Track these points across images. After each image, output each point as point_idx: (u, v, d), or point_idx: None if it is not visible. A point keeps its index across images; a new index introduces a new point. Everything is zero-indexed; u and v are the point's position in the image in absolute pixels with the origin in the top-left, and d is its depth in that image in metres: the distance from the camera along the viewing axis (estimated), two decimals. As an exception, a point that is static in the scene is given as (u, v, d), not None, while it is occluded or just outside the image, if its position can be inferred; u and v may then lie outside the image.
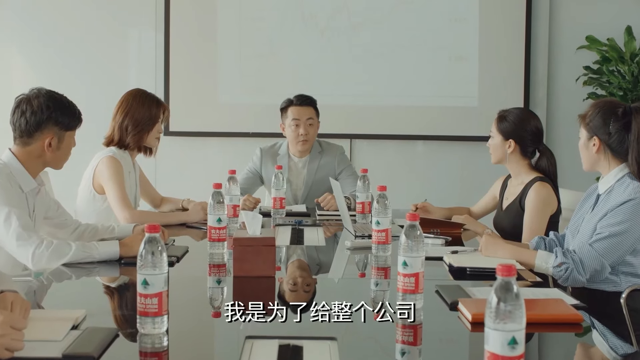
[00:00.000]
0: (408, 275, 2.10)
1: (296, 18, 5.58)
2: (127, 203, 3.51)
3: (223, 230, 2.86)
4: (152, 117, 3.66)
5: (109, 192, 3.53)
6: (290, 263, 2.93)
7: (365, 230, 3.34)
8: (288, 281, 2.58)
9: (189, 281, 2.67)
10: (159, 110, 3.68)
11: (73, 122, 2.85)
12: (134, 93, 3.69)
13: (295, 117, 4.26)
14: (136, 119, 3.63)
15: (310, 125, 4.29)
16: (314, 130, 4.31)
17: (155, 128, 3.69)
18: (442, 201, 4.19)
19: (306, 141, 4.28)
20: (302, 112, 4.28)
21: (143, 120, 3.64)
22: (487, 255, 2.79)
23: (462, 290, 2.28)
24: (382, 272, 2.77)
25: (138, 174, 3.87)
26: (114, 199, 3.50)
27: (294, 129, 4.26)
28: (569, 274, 2.65)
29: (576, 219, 2.93)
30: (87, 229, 3.08)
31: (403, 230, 2.14)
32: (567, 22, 5.59)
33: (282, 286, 2.50)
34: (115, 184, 3.52)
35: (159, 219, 3.57)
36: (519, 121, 3.47)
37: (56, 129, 2.80)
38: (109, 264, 2.73)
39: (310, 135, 4.29)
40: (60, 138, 2.82)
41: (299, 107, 4.28)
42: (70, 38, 5.66)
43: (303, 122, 4.26)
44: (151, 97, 3.69)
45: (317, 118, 4.34)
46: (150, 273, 1.84)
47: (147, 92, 3.72)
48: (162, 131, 3.78)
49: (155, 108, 3.67)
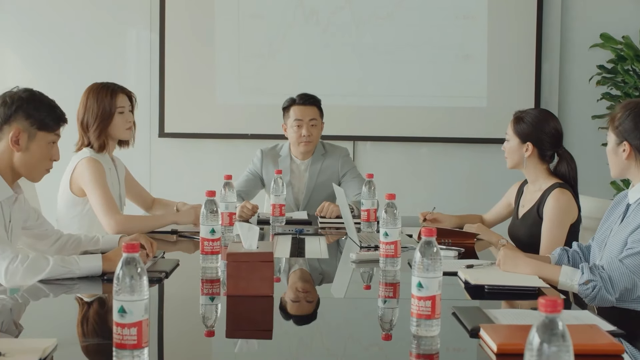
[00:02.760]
0: (423, 299, 1.86)
1: (297, 15, 5.40)
2: (111, 208, 3.26)
3: (217, 242, 2.62)
4: (106, 108, 3.40)
5: (91, 196, 3.29)
6: (290, 278, 2.69)
7: (371, 241, 3.11)
8: (288, 300, 2.35)
9: (178, 300, 2.43)
10: (113, 99, 3.42)
11: (48, 120, 2.58)
12: (89, 88, 3.45)
13: (297, 117, 4.06)
14: (92, 114, 3.39)
15: (313, 126, 4.08)
16: (317, 131, 4.10)
17: (115, 120, 3.43)
18: (449, 207, 4.01)
19: (309, 142, 4.07)
20: (305, 112, 4.07)
21: (99, 114, 3.39)
22: (505, 270, 2.55)
23: (482, 314, 2.04)
24: (391, 289, 2.53)
25: (123, 172, 3.62)
26: (97, 204, 3.26)
27: (295, 129, 4.06)
28: (596, 293, 2.41)
29: (603, 229, 2.68)
30: (69, 240, 2.84)
31: (418, 247, 1.89)
32: (580, 19, 5.39)
33: (282, 304, 2.26)
34: (98, 187, 3.28)
35: (147, 224, 3.34)
36: (537, 122, 3.23)
37: (26, 124, 2.54)
38: (90, 280, 2.48)
39: (313, 137, 4.08)
40: (31, 136, 2.55)
41: (302, 107, 4.08)
42: (63, 37, 5.48)
43: (306, 123, 4.05)
44: (105, 88, 3.44)
45: (321, 118, 4.13)
46: (128, 299, 1.59)
47: (102, 83, 3.47)
48: (132, 119, 3.52)
49: (109, 98, 3.41)
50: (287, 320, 2.20)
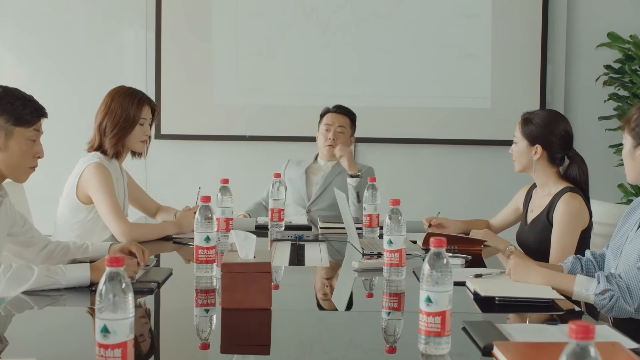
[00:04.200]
0: (433, 314, 1.72)
1: (296, 13, 5.29)
2: (121, 215, 3.18)
3: (212, 250, 2.49)
4: (129, 117, 3.29)
5: (99, 203, 3.18)
6: (289, 289, 2.57)
7: (374, 247, 2.98)
8: (286, 313, 2.22)
9: (170, 312, 2.29)
10: (139, 110, 3.31)
11: (25, 115, 2.43)
12: (114, 91, 3.33)
13: (327, 122, 4.20)
14: (114, 119, 3.27)
15: (340, 132, 4.17)
16: (343, 138, 4.18)
17: (135, 130, 3.31)
18: (452, 211, 3.89)
19: (332, 146, 4.14)
20: (336, 118, 4.20)
21: (120, 121, 3.27)
22: (516, 280, 2.41)
23: (494, 329, 1.91)
24: (395, 300, 2.40)
25: (126, 180, 3.51)
26: (107, 211, 3.16)
27: (324, 133, 4.19)
28: (614, 303, 2.28)
29: (618, 237, 2.55)
30: (57, 247, 2.70)
31: (426, 258, 1.75)
32: (586, 17, 5.29)
33: (280, 318, 2.13)
34: (106, 194, 3.18)
35: (156, 231, 3.26)
36: (546, 124, 3.10)
37: (1, 121, 2.39)
38: (78, 291, 2.34)
39: (338, 142, 4.14)
40: (8, 134, 2.41)
41: (334, 114, 4.22)
42: (58, 36, 5.38)
43: (334, 127, 4.17)
44: (132, 95, 3.32)
45: (351, 130, 4.24)
46: (111, 318, 1.46)
47: (130, 89, 3.35)
48: (149, 134, 3.40)
49: (134, 108, 3.30)
50: (285, 334, 2.07)
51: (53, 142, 4.90)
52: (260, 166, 5.02)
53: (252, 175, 5.01)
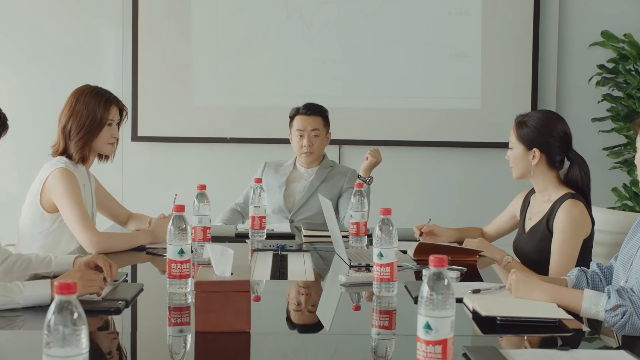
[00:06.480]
0: (432, 343, 1.52)
1: (279, 11, 5.10)
2: (89, 224, 2.96)
3: (186, 264, 2.28)
4: (96, 119, 3.07)
5: (65, 211, 2.96)
6: (270, 308, 2.36)
7: (362, 259, 2.79)
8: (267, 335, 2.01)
9: (140, 333, 2.08)
10: (106, 111, 3.09)
11: None
12: (79, 90, 3.11)
13: (299, 127, 3.96)
14: (79, 122, 3.05)
15: (316, 136, 3.95)
16: (319, 141, 3.98)
17: (102, 132, 3.10)
18: (442, 216, 3.74)
19: (310, 153, 3.95)
20: (308, 121, 3.96)
21: (87, 123, 3.06)
22: (519, 296, 2.22)
23: (499, 356, 1.71)
24: (386, 318, 2.20)
25: (94, 186, 3.29)
26: (74, 220, 2.94)
27: (298, 139, 3.97)
28: (626, 320, 2.10)
29: (628, 248, 2.36)
30: (17, 260, 2.48)
31: (426, 280, 1.55)
32: (579, 15, 5.12)
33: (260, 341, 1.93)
34: (73, 202, 2.96)
35: (128, 241, 3.05)
36: (543, 126, 2.92)
37: None
38: (37, 311, 2.12)
39: (315, 147, 3.95)
40: None
41: (305, 117, 3.98)
42: (31, 37, 5.13)
43: (307, 133, 3.94)
44: (98, 95, 3.10)
45: (325, 129, 4.01)
46: (60, 355, 1.24)
47: (96, 88, 3.13)
48: (117, 136, 3.19)
49: (101, 108, 3.08)
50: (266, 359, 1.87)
51: (22, 146, 4.71)
52: (242, 169, 4.83)
53: (233, 178, 4.82)
